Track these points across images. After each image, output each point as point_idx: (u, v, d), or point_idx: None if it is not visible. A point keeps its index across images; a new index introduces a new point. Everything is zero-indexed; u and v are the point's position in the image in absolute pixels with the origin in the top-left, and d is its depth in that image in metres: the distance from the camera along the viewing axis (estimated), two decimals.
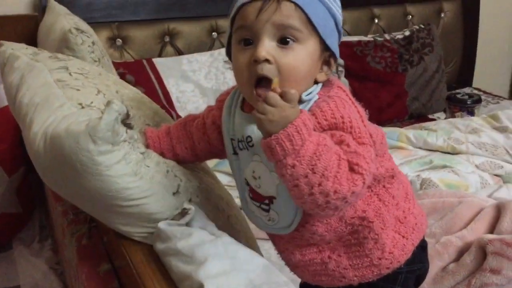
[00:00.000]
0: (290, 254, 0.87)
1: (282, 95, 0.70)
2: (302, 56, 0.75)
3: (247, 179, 0.83)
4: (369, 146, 0.74)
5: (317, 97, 0.78)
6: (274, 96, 0.69)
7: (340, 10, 0.80)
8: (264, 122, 0.69)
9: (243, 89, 0.79)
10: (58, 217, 1.26)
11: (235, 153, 0.84)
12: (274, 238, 0.90)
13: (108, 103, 0.76)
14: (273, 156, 0.69)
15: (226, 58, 0.88)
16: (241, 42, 0.77)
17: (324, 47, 0.78)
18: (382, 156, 0.84)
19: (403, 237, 0.85)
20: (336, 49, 0.79)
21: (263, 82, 0.75)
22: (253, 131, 0.78)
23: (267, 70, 0.74)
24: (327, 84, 0.81)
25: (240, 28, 0.76)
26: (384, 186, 0.83)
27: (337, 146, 0.71)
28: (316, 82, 0.79)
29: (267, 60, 0.73)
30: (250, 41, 0.76)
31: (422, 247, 0.90)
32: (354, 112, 0.76)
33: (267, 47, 0.74)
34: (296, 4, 0.73)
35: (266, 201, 0.82)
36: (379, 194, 0.83)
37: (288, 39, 0.74)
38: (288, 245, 0.87)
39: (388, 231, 0.83)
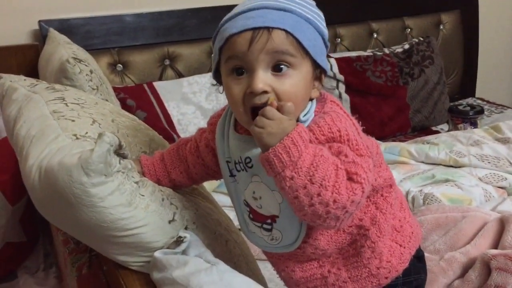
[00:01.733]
0: (291, 271, 0.87)
1: (279, 108, 0.71)
2: (298, 81, 0.75)
3: (247, 200, 0.83)
4: (367, 157, 0.75)
5: (313, 115, 0.78)
6: (271, 110, 0.71)
7: (324, 24, 0.80)
8: (263, 135, 0.70)
9: (240, 118, 0.79)
10: (60, 246, 1.26)
11: (232, 175, 0.84)
12: (274, 258, 0.90)
13: (100, 135, 0.76)
14: (272, 169, 0.70)
15: None
16: (233, 71, 0.76)
17: (315, 65, 0.78)
18: (380, 166, 0.84)
19: (400, 245, 0.85)
20: (325, 65, 0.80)
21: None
22: (252, 152, 0.78)
23: (265, 99, 0.74)
24: (320, 100, 0.82)
25: (231, 58, 0.76)
26: (382, 195, 0.84)
27: (334, 157, 0.72)
28: (310, 99, 0.80)
29: (264, 91, 0.73)
30: (243, 70, 0.75)
31: (418, 257, 0.89)
32: (350, 125, 0.77)
33: (263, 78, 0.73)
34: (286, 31, 0.73)
35: (269, 221, 0.82)
36: (376, 203, 0.83)
37: (282, 66, 0.74)
38: (288, 263, 0.87)
39: (385, 240, 0.83)
